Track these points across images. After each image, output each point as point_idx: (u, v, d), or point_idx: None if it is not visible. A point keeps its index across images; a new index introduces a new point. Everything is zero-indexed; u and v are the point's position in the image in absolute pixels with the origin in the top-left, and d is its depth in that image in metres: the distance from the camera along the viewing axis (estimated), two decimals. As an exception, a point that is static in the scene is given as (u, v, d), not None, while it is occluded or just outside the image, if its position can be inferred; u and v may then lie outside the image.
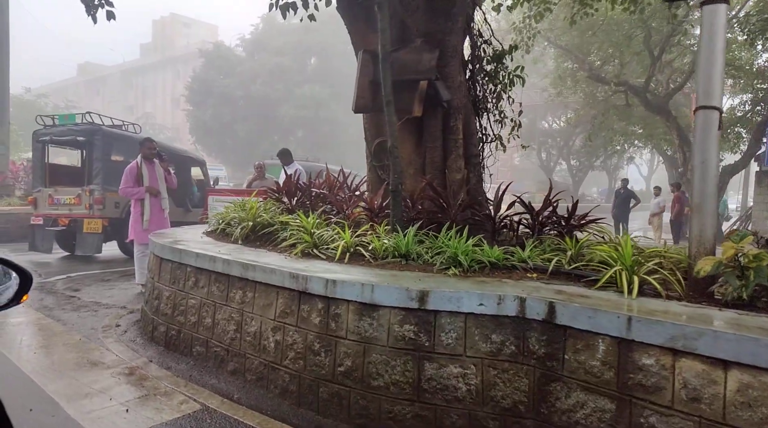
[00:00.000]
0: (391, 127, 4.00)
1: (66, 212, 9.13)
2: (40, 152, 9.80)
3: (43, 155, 9.80)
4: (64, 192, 9.27)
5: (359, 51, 5.24)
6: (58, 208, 9.23)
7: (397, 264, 3.55)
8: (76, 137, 9.30)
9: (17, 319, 5.08)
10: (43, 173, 9.70)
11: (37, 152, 9.85)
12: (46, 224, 9.28)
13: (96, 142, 9.21)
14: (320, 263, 3.63)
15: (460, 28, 4.88)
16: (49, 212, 9.28)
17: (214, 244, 4.55)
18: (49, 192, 9.35)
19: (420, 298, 2.81)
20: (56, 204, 9.26)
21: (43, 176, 9.68)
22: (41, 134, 9.61)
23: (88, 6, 5.63)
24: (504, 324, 2.68)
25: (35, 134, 9.73)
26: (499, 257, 3.41)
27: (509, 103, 5.46)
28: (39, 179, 9.72)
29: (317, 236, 4.06)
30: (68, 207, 9.14)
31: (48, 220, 9.26)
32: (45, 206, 9.34)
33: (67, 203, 9.17)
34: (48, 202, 9.32)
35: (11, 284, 1.27)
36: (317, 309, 3.18)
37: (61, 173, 10.10)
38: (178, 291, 4.23)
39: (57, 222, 9.15)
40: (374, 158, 5.38)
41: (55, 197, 9.28)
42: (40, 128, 9.72)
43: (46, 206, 9.34)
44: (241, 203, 5.56)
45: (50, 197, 9.31)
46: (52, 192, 9.33)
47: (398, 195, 3.95)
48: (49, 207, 9.30)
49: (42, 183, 9.59)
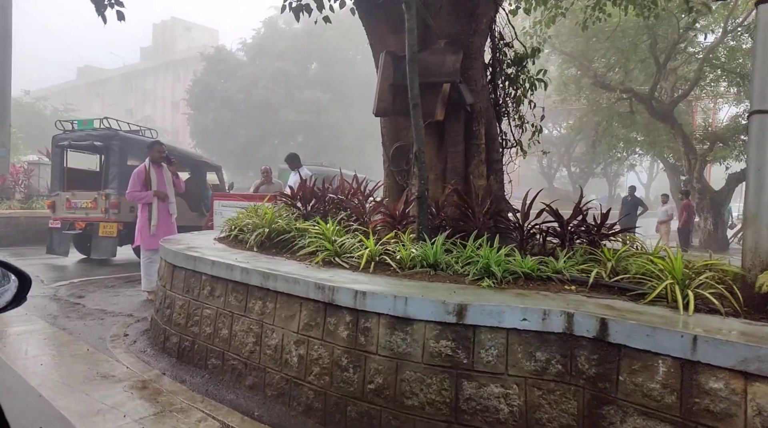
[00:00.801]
0: (418, 131, 3.85)
1: (83, 216, 9.21)
2: (59, 156, 9.86)
3: (62, 159, 9.85)
4: (81, 196, 9.33)
5: (380, 53, 5.11)
6: (75, 211, 9.31)
7: (425, 275, 3.38)
8: (94, 142, 9.42)
9: (21, 328, 4.89)
10: (62, 177, 9.74)
11: (56, 156, 9.93)
12: (64, 228, 9.35)
13: (113, 147, 9.29)
14: (344, 273, 3.47)
15: (483, 29, 4.74)
16: (66, 215, 9.36)
17: (228, 251, 4.38)
18: (67, 196, 9.41)
19: (458, 312, 2.64)
20: (74, 208, 9.32)
21: (61, 180, 9.72)
22: (60, 139, 9.71)
23: (98, 6, 5.48)
24: (549, 341, 2.51)
25: (54, 139, 9.82)
26: (533, 268, 3.25)
27: (531, 107, 5.31)
28: (57, 183, 9.77)
29: (338, 244, 3.89)
30: (85, 211, 9.21)
31: (65, 223, 9.33)
32: (63, 210, 9.41)
33: (83, 207, 9.24)
34: (66, 206, 9.39)
35: (10, 286, 1.25)
36: (345, 322, 3.01)
37: (79, 177, 10.16)
38: (193, 300, 4.06)
39: (74, 226, 9.24)
40: (392, 163, 5.24)
41: (73, 201, 9.35)
42: (60, 133, 9.80)
43: (63, 209, 9.41)
44: (253, 208, 5.40)
45: (68, 200, 9.38)
46: (70, 196, 9.39)
47: (424, 202, 3.80)
48: (67, 211, 9.37)
49: (60, 187, 9.64)
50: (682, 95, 18.33)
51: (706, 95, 21.33)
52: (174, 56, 59.53)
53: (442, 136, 4.87)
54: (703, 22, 16.72)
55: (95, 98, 68.21)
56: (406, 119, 5.22)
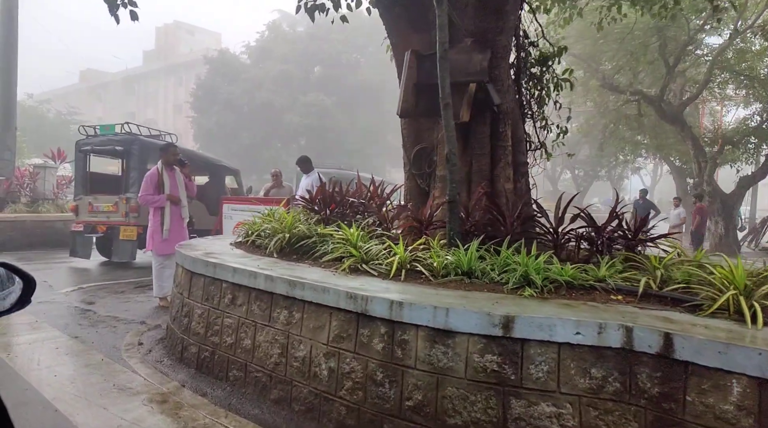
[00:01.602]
0: (449, 132, 3.69)
1: (104, 220, 9.34)
2: (82, 160, 9.99)
3: (85, 163, 9.99)
4: (103, 200, 9.46)
5: (402, 52, 4.96)
6: (97, 215, 9.43)
7: (460, 283, 3.22)
8: (115, 147, 9.57)
9: (32, 336, 4.74)
10: (85, 181, 9.89)
11: (79, 161, 10.05)
12: (86, 231, 9.50)
13: (133, 151, 9.39)
14: (374, 281, 3.31)
15: (510, 27, 4.59)
16: (88, 219, 9.47)
17: (247, 257, 4.22)
18: (89, 200, 9.53)
19: (504, 324, 2.48)
20: (95, 211, 9.45)
21: (84, 185, 9.87)
22: (83, 144, 9.88)
23: (112, 5, 5.35)
24: (606, 357, 2.34)
25: (78, 144, 9.99)
26: (575, 276, 3.09)
27: (556, 108, 5.16)
28: (80, 187, 9.92)
29: (365, 251, 3.73)
30: (106, 214, 9.34)
31: (88, 227, 9.46)
32: (85, 214, 9.53)
33: (105, 211, 9.38)
34: (88, 209, 9.51)
35: (14, 288, 1.25)
36: (379, 334, 2.85)
37: (102, 182, 10.28)
38: (212, 309, 3.90)
39: (96, 229, 9.37)
40: (413, 165, 5.08)
41: (95, 205, 9.47)
42: (83, 138, 9.98)
43: (86, 213, 9.53)
44: (270, 212, 5.24)
45: (90, 204, 9.49)
46: (92, 200, 9.51)
47: (456, 206, 3.63)
48: (89, 214, 9.49)
49: (83, 191, 9.78)
50: (692, 97, 18.18)
51: (713, 98, 21.17)
52: (176, 59, 59.51)
53: (466, 138, 4.71)
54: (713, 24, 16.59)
55: (97, 102, 68.17)
56: (427, 121, 5.08)
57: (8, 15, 12.96)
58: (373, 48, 34.58)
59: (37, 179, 12.91)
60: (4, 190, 12.68)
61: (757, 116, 18.33)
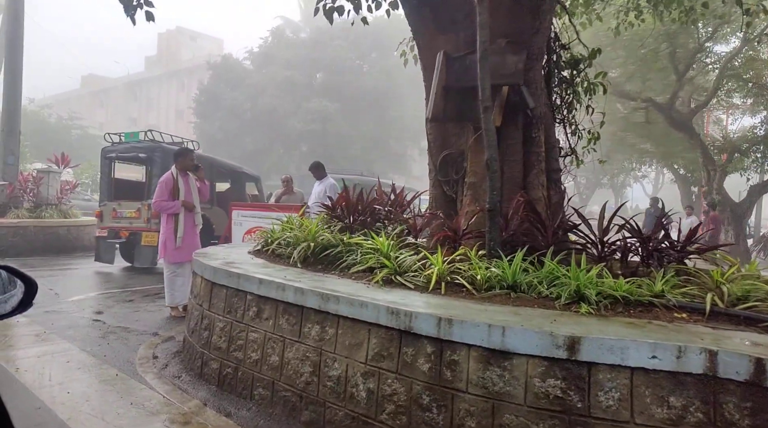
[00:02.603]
0: (490, 137, 3.49)
1: (127, 225, 9.50)
2: (107, 167, 10.19)
3: (110, 170, 10.20)
4: (126, 206, 9.60)
5: (427, 54, 4.78)
6: (120, 221, 9.60)
7: (506, 297, 3.01)
8: (138, 154, 9.79)
9: (41, 348, 4.52)
10: (110, 188, 10.07)
11: (104, 167, 10.24)
12: (110, 236, 9.70)
13: (156, 158, 9.47)
14: (412, 295, 3.10)
15: (546, 28, 4.40)
16: (112, 224, 9.66)
17: (270, 267, 4.01)
18: (113, 206, 9.69)
19: (569, 346, 2.27)
20: (119, 217, 9.61)
21: (109, 191, 10.05)
22: (108, 151, 10.09)
23: (127, 6, 5.18)
24: (686, 384, 2.13)
25: (103, 151, 10.20)
26: (631, 291, 2.88)
27: (588, 113, 4.96)
28: (105, 193, 10.10)
29: (398, 262, 3.52)
30: (129, 220, 9.49)
31: (111, 232, 9.66)
32: (109, 219, 9.70)
33: (128, 217, 9.51)
34: (112, 215, 9.68)
35: (16, 292, 1.26)
36: (425, 354, 2.63)
37: (126, 188, 10.47)
38: (236, 323, 3.68)
39: (119, 235, 9.59)
40: (440, 172, 4.88)
41: (119, 211, 9.62)
42: (108, 145, 10.19)
43: (110, 219, 9.69)
44: (290, 220, 5.04)
45: (114, 210, 9.66)
46: (116, 206, 9.66)
47: (496, 214, 3.43)
48: (113, 220, 9.65)
49: (108, 197, 9.95)
50: (702, 104, 18.05)
51: (722, 105, 21.05)
52: (179, 65, 59.52)
53: (497, 143, 4.51)
54: (723, 31, 16.48)
55: (99, 107, 68.13)
56: (454, 126, 4.88)
57: (14, 19, 12.81)
58: (376, 55, 34.53)
59: (40, 184, 12.68)
60: (7, 195, 12.45)
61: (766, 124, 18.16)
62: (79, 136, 38.61)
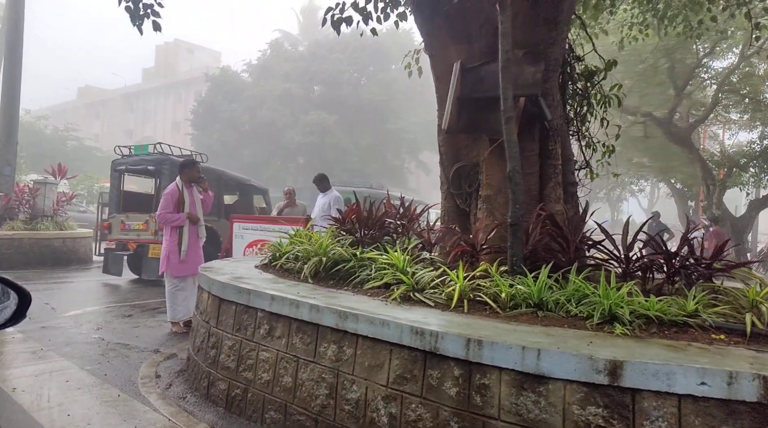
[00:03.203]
0: (512, 148, 3.38)
1: (134, 238, 9.49)
2: (117, 179, 10.20)
3: (119, 182, 10.21)
4: (134, 218, 9.61)
5: (444, 64, 4.69)
6: (128, 233, 9.60)
7: (532, 316, 2.87)
8: (147, 166, 9.81)
9: (38, 367, 4.33)
10: (119, 200, 10.09)
11: (114, 180, 10.26)
12: (117, 248, 9.71)
13: (164, 171, 9.44)
14: (433, 313, 2.96)
15: (563, 39, 4.32)
16: (120, 237, 9.68)
17: (280, 282, 3.86)
18: (121, 218, 9.70)
19: (611, 371, 2.13)
20: (127, 229, 9.61)
21: (118, 203, 10.06)
22: (118, 164, 10.13)
23: (134, 16, 5.09)
24: (738, 413, 2.00)
25: (113, 163, 10.24)
26: (664, 311, 2.75)
27: (603, 126, 4.87)
28: (114, 206, 10.11)
29: (417, 278, 3.39)
30: (137, 233, 9.48)
31: (119, 244, 9.67)
32: (118, 231, 9.71)
33: (136, 229, 9.52)
34: (120, 227, 9.68)
35: (9, 303, 1.25)
36: (452, 377, 2.49)
37: (134, 200, 10.43)
38: (246, 341, 3.52)
39: (127, 247, 9.58)
40: (452, 184, 4.77)
41: (127, 223, 9.62)
42: (118, 158, 10.23)
43: (118, 231, 9.71)
44: (298, 233, 4.91)
45: (122, 222, 9.66)
46: (125, 218, 9.67)
47: (519, 230, 3.30)
48: (121, 232, 9.66)
49: (117, 209, 9.97)
50: (700, 119, 18.08)
51: (719, 121, 21.14)
52: (176, 77, 59.57)
53: (514, 155, 4.41)
54: (721, 47, 16.57)
55: (95, 118, 68.02)
56: (467, 138, 4.78)
57: (14, 28, 12.71)
58: (374, 68, 34.62)
59: (37, 196, 12.48)
60: (3, 206, 12.25)
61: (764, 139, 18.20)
62: (75, 147, 38.41)
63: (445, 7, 4.57)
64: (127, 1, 5.14)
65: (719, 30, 12.72)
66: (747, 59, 16.42)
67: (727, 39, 15.68)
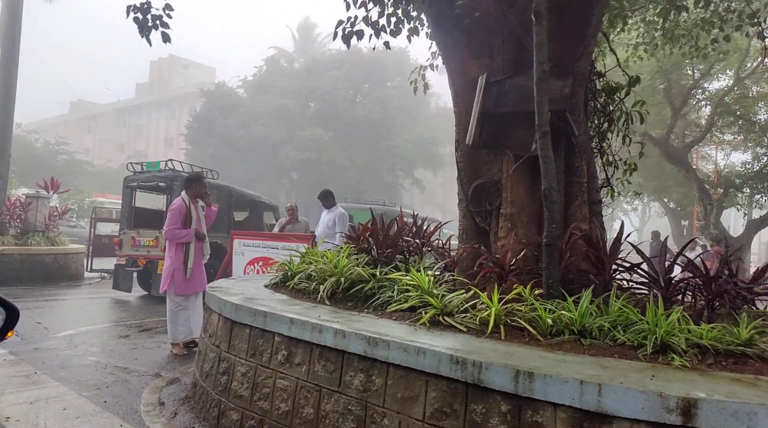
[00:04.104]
0: (548, 164, 3.21)
1: (144, 254, 9.49)
2: (128, 196, 10.28)
3: (131, 198, 10.30)
4: (144, 234, 9.61)
5: (458, 79, 4.56)
6: (138, 249, 9.60)
7: (576, 344, 2.67)
8: (158, 183, 9.88)
9: (33, 392, 4.06)
10: (130, 216, 10.14)
11: (126, 196, 10.33)
12: (128, 265, 9.73)
13: (175, 187, 9.40)
14: (468, 339, 2.76)
15: (589, 53, 4.20)
16: (130, 253, 9.67)
17: (296, 304, 3.63)
18: (132, 234, 9.71)
19: (684, 410, 1.93)
20: (137, 246, 9.60)
21: (129, 219, 10.11)
22: (131, 180, 10.20)
23: (142, 28, 4.95)
24: (831, 456, 1.81)
25: (126, 180, 10.31)
26: (719, 340, 2.57)
27: (626, 143, 4.74)
28: (125, 222, 10.16)
29: (446, 300, 3.19)
30: (147, 249, 9.48)
31: (129, 260, 9.69)
32: (128, 247, 9.70)
33: (146, 245, 9.51)
34: (131, 243, 9.67)
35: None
36: (500, 413, 2.28)
37: (145, 217, 10.46)
38: (261, 367, 3.29)
39: (137, 263, 9.62)
40: (472, 202, 4.59)
41: (137, 239, 9.62)
42: (130, 174, 10.29)
43: (129, 247, 9.69)
44: (309, 251, 4.70)
45: (133, 238, 9.65)
46: (135, 234, 9.68)
47: (555, 250, 3.12)
48: (131, 248, 9.65)
49: (128, 225, 10.01)
50: (696, 140, 18.15)
51: (714, 141, 21.26)
52: (171, 93, 59.47)
53: (535, 172, 4.23)
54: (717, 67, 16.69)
55: (86, 133, 67.60)
56: (487, 154, 4.63)
57: (11, 39, 12.49)
58: (369, 85, 34.70)
59: (28, 210, 12.17)
60: (-7, 221, 11.93)
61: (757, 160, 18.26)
62: (66, 161, 37.99)
63: (466, 20, 4.44)
64: (135, 12, 4.98)
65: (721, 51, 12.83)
66: (741, 81, 16.56)
67: (722, 61, 15.79)
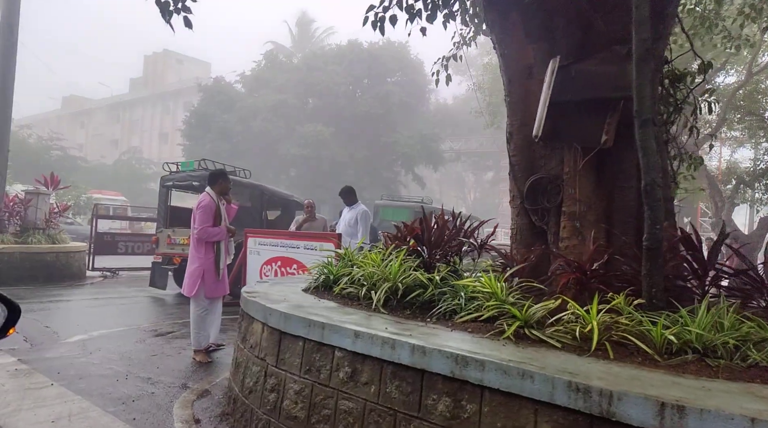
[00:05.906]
0: (650, 157, 2.84)
1: (179, 252, 9.49)
2: (164, 195, 10.43)
3: (167, 198, 10.43)
4: (180, 233, 9.68)
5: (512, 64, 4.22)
6: (174, 247, 9.71)
7: (702, 366, 2.31)
8: (192, 182, 9.92)
9: (53, 409, 3.66)
10: (166, 215, 10.26)
11: (162, 195, 10.49)
12: (164, 262, 9.87)
13: None
14: (573, 359, 2.39)
15: (668, 35, 3.84)
16: (166, 251, 9.81)
17: (350, 312, 3.26)
18: (168, 233, 9.84)
19: None
20: (173, 244, 9.73)
21: (165, 218, 10.24)
22: (166, 180, 10.32)
23: (164, 11, 4.58)
24: None
25: (162, 179, 10.48)
26: None
27: (695, 136, 4.39)
28: (162, 220, 10.31)
29: (529, 312, 2.82)
30: (182, 247, 9.49)
31: (165, 258, 9.81)
32: (164, 246, 9.85)
33: (181, 243, 9.57)
34: (167, 242, 9.81)
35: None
36: (638, 451, 1.91)
37: (181, 215, 10.34)
38: (319, 385, 2.91)
39: (172, 261, 9.67)
40: (527, 199, 4.22)
41: (173, 238, 9.75)
42: (166, 174, 10.41)
43: (165, 245, 9.84)
44: (347, 252, 4.33)
45: (169, 237, 9.79)
46: (171, 233, 9.81)
47: (658, 255, 2.76)
48: (167, 247, 9.79)
49: (164, 224, 10.14)
50: (708, 136, 17.88)
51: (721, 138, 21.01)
52: (165, 88, 58.77)
53: (600, 167, 3.89)
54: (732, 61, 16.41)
55: (79, 128, 66.83)
56: (543, 147, 4.27)
57: (8, 32, 11.97)
58: (369, 80, 34.26)
59: (28, 207, 11.70)
60: (-8, 218, 11.45)
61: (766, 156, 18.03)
62: (59, 157, 37.36)
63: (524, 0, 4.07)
64: (158, -5, 4.61)
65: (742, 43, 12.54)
66: (751, 76, 16.30)
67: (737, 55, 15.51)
